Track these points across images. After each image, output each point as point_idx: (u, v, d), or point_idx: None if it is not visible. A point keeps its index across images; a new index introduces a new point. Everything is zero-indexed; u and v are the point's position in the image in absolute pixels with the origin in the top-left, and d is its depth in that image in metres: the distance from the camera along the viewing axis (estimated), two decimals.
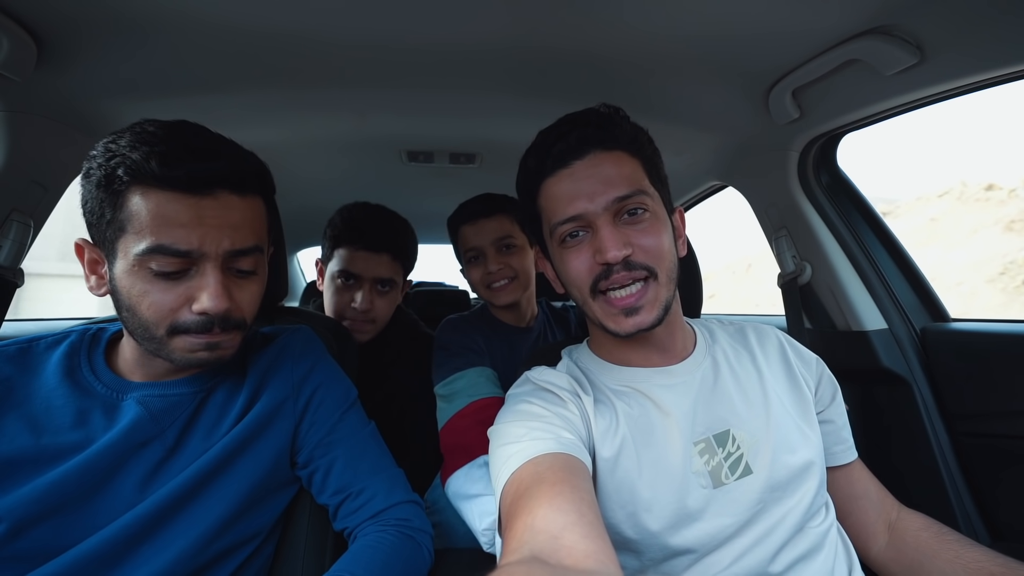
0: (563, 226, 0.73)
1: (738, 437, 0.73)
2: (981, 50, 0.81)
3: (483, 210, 1.30)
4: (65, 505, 0.65)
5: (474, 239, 1.30)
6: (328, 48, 0.95)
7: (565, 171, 0.73)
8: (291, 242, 2.36)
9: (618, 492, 0.70)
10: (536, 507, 0.53)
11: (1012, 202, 13.83)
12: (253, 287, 0.74)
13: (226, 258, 0.68)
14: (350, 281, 1.28)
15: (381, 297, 1.31)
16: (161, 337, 0.68)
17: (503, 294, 1.29)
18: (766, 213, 1.43)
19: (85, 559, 0.63)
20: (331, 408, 0.85)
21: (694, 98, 1.14)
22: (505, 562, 0.48)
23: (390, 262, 1.30)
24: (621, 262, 0.69)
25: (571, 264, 0.74)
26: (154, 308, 0.66)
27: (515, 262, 1.29)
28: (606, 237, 0.69)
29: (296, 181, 1.68)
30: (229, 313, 0.69)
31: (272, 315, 1.07)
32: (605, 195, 0.70)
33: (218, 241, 0.66)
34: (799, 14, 0.84)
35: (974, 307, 10.99)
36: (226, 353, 0.72)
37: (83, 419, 0.70)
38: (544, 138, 0.77)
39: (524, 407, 0.72)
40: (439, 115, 1.28)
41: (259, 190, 0.74)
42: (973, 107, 27.51)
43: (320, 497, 0.83)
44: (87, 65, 0.94)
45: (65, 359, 0.74)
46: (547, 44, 0.94)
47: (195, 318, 0.67)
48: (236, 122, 1.16)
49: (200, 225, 0.65)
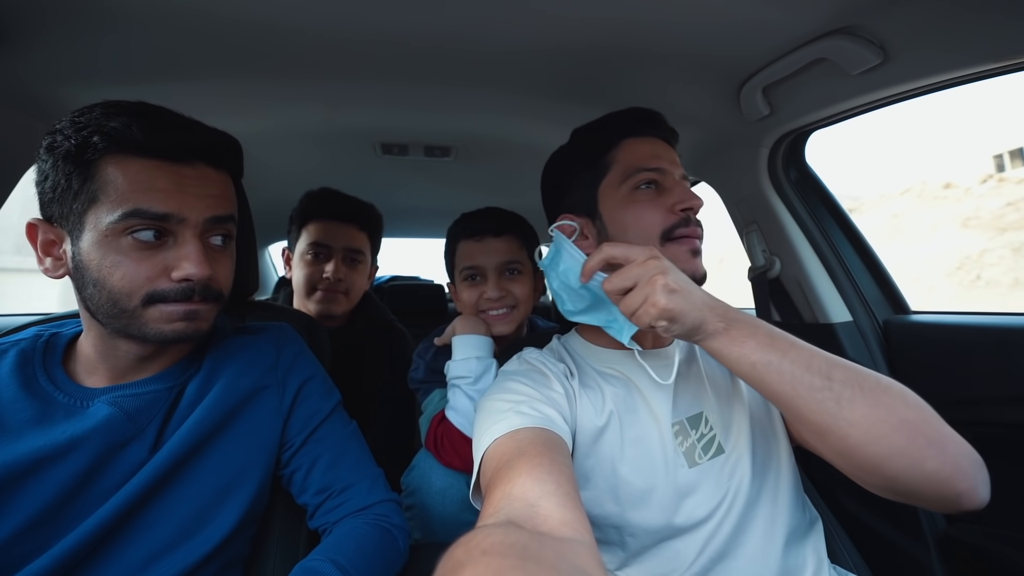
0: (645, 173, 0.80)
1: (711, 419, 0.77)
2: (941, 52, 0.84)
3: (492, 227, 1.18)
4: (41, 517, 0.62)
5: (476, 257, 1.17)
6: (299, 36, 0.92)
7: (650, 140, 0.84)
8: (262, 236, 2.31)
9: (600, 466, 0.74)
10: (515, 476, 0.55)
11: (968, 200, 14.45)
12: (227, 260, 0.74)
13: (205, 226, 0.68)
14: (320, 255, 1.32)
15: (352, 269, 1.35)
16: (134, 309, 0.64)
17: (500, 324, 1.16)
18: (737, 208, 1.46)
19: (57, 561, 0.61)
20: (316, 406, 0.84)
21: (667, 94, 1.16)
22: (482, 523, 0.49)
23: (358, 232, 1.35)
24: (698, 211, 0.79)
25: (644, 211, 0.79)
26: (127, 279, 0.63)
27: (518, 290, 1.17)
28: (685, 190, 0.79)
29: (267, 173, 1.64)
30: (210, 282, 0.68)
31: (243, 310, 1.04)
32: (678, 166, 0.83)
33: (199, 208, 0.66)
34: (769, 12, 0.85)
35: (933, 300, 11.46)
36: (203, 325, 0.70)
37: (47, 426, 0.66)
38: (629, 111, 0.86)
39: (511, 384, 0.75)
40: (414, 107, 1.26)
41: (230, 168, 0.75)
42: (933, 107, 28.71)
43: (301, 496, 0.82)
44: (44, 49, 0.90)
45: (18, 369, 0.68)
46: (522, 38, 0.94)
47: (175, 286, 0.65)
48: (204, 110, 1.11)
49: (180, 192, 0.65)
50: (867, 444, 0.55)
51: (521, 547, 0.38)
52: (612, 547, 0.75)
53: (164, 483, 0.69)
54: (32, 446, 0.63)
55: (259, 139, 1.41)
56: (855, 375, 0.58)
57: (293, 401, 0.82)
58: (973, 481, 0.55)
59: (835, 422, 0.56)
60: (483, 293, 1.16)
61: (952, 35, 0.81)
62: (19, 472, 0.62)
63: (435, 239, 3.01)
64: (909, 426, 0.55)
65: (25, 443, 0.63)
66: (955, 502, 0.56)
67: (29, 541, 0.61)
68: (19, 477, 0.62)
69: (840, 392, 0.56)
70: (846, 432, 0.56)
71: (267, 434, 0.79)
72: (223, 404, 0.75)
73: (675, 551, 0.71)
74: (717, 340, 0.62)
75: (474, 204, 1.29)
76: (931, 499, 0.57)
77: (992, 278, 11.44)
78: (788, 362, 0.59)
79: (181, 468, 0.70)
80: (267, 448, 0.79)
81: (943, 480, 0.54)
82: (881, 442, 0.55)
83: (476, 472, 0.66)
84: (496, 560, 0.36)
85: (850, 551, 0.94)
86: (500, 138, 1.46)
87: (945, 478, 0.54)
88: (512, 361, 0.86)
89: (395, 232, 2.89)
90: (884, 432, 0.55)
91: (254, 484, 0.76)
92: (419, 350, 1.26)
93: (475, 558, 0.37)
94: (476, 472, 0.66)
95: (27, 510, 0.61)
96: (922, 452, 0.54)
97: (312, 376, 0.86)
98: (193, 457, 0.71)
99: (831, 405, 0.56)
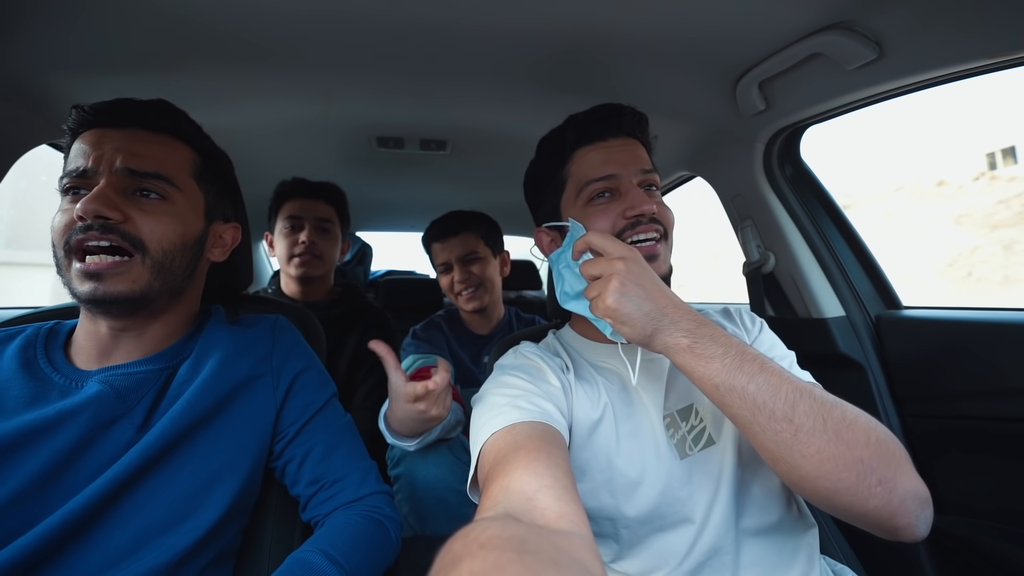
0: (595, 184, 0.80)
1: (701, 411, 0.78)
2: (936, 48, 0.84)
3: (450, 229, 1.55)
4: (27, 490, 0.62)
5: (442, 254, 1.56)
6: (295, 28, 0.91)
7: (602, 143, 0.83)
8: (256, 229, 2.29)
9: (595, 458, 0.74)
10: (512, 470, 0.55)
11: (961, 197, 14.56)
12: (161, 214, 0.72)
13: (121, 176, 0.70)
14: (295, 227, 1.53)
15: (323, 237, 1.54)
16: (61, 261, 0.69)
17: (469, 300, 1.53)
18: (732, 203, 1.47)
19: (44, 538, 0.61)
20: (311, 397, 0.84)
21: (664, 88, 1.16)
22: (480, 517, 0.49)
23: (326, 205, 1.56)
24: (650, 216, 0.78)
25: (596, 221, 0.80)
26: (55, 230, 0.69)
27: (478, 270, 1.53)
28: (636, 195, 0.78)
29: (262, 167, 1.63)
30: (112, 224, 0.68)
31: (236, 303, 1.04)
32: (635, 165, 0.81)
33: (111, 160, 0.70)
34: (765, 7, 0.85)
35: (925, 296, 11.55)
36: (116, 286, 0.67)
37: (41, 404, 0.67)
38: (584, 116, 0.85)
39: (507, 378, 0.76)
40: (410, 100, 1.26)
41: (176, 133, 0.78)
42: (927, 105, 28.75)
43: (294, 488, 0.82)
44: (32, 39, 0.88)
45: (20, 352, 0.72)
46: (518, 31, 0.94)
47: (76, 227, 0.67)
48: (200, 103, 1.11)
49: (98, 148, 0.71)
50: (817, 478, 0.56)
51: (519, 540, 0.38)
52: (607, 540, 0.75)
53: (152, 465, 0.69)
54: (22, 420, 0.65)
55: (254, 132, 1.41)
56: (820, 408, 0.57)
57: (287, 391, 0.82)
58: (914, 519, 0.57)
59: (789, 454, 0.56)
60: (453, 278, 1.54)
61: (947, 31, 0.81)
62: (8, 444, 0.63)
63: None
64: (862, 465, 0.55)
65: (16, 419, 0.65)
66: (893, 534, 0.59)
67: (15, 516, 0.61)
68: (8, 449, 0.63)
69: (800, 424, 0.56)
70: (798, 463, 0.56)
71: (259, 423, 0.79)
72: (215, 389, 0.75)
73: (668, 543, 0.72)
74: (680, 356, 0.61)
75: (470, 198, 1.30)
76: (871, 528, 0.59)
77: (983, 275, 11.55)
78: (753, 387, 0.57)
79: (170, 451, 0.70)
80: (259, 437, 0.78)
81: (884, 516, 0.56)
82: (830, 477, 0.55)
83: (474, 466, 0.66)
84: (494, 553, 0.36)
85: (840, 542, 0.95)
86: (496, 132, 1.45)
87: (887, 515, 0.56)
88: (508, 355, 0.87)
89: (390, 226, 2.87)
90: (835, 469, 0.55)
91: (244, 472, 0.76)
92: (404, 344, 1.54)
93: (473, 551, 0.37)
94: (474, 466, 0.66)
95: (13, 482, 0.62)
96: (870, 491, 0.55)
97: (307, 367, 0.86)
98: (183, 441, 0.71)
99: (787, 437, 0.56)
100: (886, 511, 0.56)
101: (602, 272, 0.64)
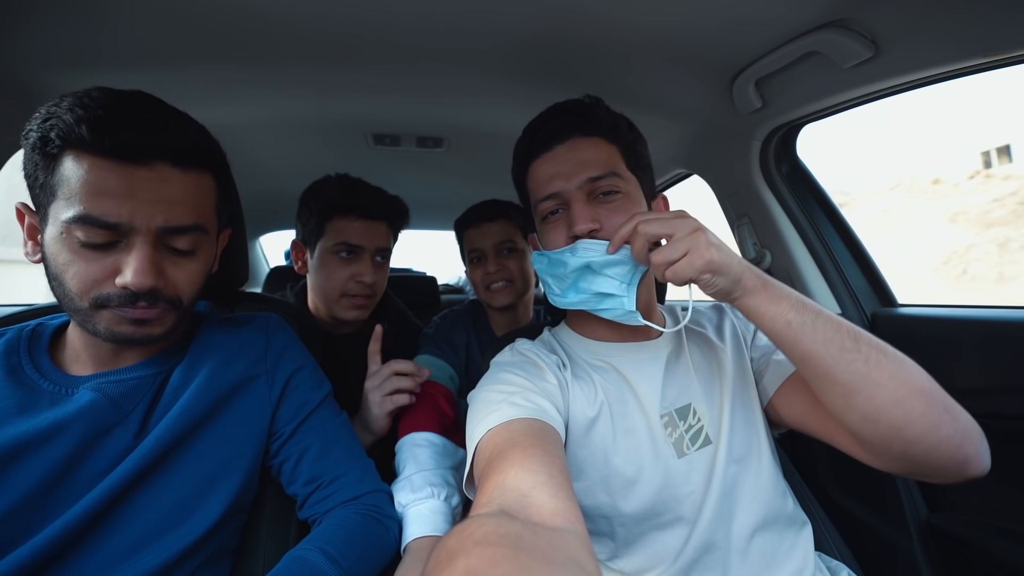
0: (544, 203, 0.79)
1: (699, 410, 0.78)
2: (932, 46, 0.84)
3: (487, 214, 1.39)
4: (25, 502, 0.61)
5: (477, 241, 1.38)
6: (291, 25, 0.91)
7: (548, 155, 0.79)
8: (252, 227, 2.29)
9: (592, 456, 0.74)
10: (508, 467, 0.55)
11: (956, 196, 14.61)
12: (192, 266, 0.70)
13: (159, 235, 0.64)
14: (351, 254, 1.19)
15: (379, 269, 1.24)
16: (85, 309, 0.64)
17: (500, 295, 1.34)
18: (729, 201, 1.47)
19: (43, 548, 0.60)
20: (306, 396, 0.84)
21: (661, 86, 1.16)
22: (475, 513, 0.49)
23: (388, 230, 1.24)
24: (587, 235, 0.74)
25: (550, 239, 0.79)
26: (78, 279, 0.62)
27: (513, 265, 1.36)
28: (577, 212, 0.75)
29: (258, 163, 1.62)
30: (158, 291, 0.65)
31: (233, 301, 1.03)
32: (579, 175, 0.76)
33: (150, 216, 0.63)
34: (762, 5, 0.86)
35: (920, 294, 11.61)
36: (155, 331, 0.68)
37: (31, 413, 0.65)
38: (531, 126, 0.83)
39: (504, 375, 0.76)
40: (406, 97, 1.25)
41: (206, 166, 0.70)
42: (923, 103, 28.91)
43: (290, 487, 0.81)
44: (27, 33, 0.88)
45: (3, 358, 0.68)
46: (514, 29, 0.93)
47: (118, 291, 0.63)
48: (194, 99, 1.10)
49: (131, 198, 0.61)
50: (892, 405, 0.58)
51: (514, 537, 0.38)
52: (602, 538, 0.76)
53: (150, 471, 0.68)
54: (14, 432, 0.63)
55: (250, 129, 1.40)
56: (878, 342, 0.61)
57: (282, 391, 0.82)
58: (979, 448, 0.60)
59: (864, 382, 0.59)
60: (485, 269, 1.35)
61: (943, 29, 0.81)
62: (1, 458, 0.61)
63: (428, 231, 2.99)
64: (927, 392, 0.58)
65: (8, 430, 0.63)
66: (961, 468, 0.60)
67: (12, 528, 0.61)
68: (1, 463, 0.61)
69: (868, 354, 0.59)
70: (873, 393, 0.58)
71: (255, 423, 0.78)
72: (210, 393, 0.74)
73: (663, 541, 0.72)
74: (755, 297, 0.64)
75: (467, 195, 1.29)
76: (941, 464, 0.60)
77: (978, 273, 11.61)
78: (821, 321, 0.61)
79: (168, 456, 0.70)
80: (255, 437, 0.78)
81: (955, 445, 0.58)
82: (905, 404, 0.58)
83: (470, 462, 0.66)
84: (489, 550, 0.36)
85: (835, 539, 0.96)
86: (493, 129, 1.45)
87: (957, 443, 0.58)
88: (505, 352, 0.86)
89: None
90: (907, 395, 0.58)
91: (242, 473, 0.75)
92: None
93: (468, 548, 0.37)
94: (470, 462, 0.66)
95: (10, 496, 0.61)
96: (940, 416, 0.58)
97: (302, 366, 0.85)
98: (180, 445, 0.71)
99: (860, 366, 0.59)
100: (957, 438, 0.58)
101: (676, 230, 0.64)
